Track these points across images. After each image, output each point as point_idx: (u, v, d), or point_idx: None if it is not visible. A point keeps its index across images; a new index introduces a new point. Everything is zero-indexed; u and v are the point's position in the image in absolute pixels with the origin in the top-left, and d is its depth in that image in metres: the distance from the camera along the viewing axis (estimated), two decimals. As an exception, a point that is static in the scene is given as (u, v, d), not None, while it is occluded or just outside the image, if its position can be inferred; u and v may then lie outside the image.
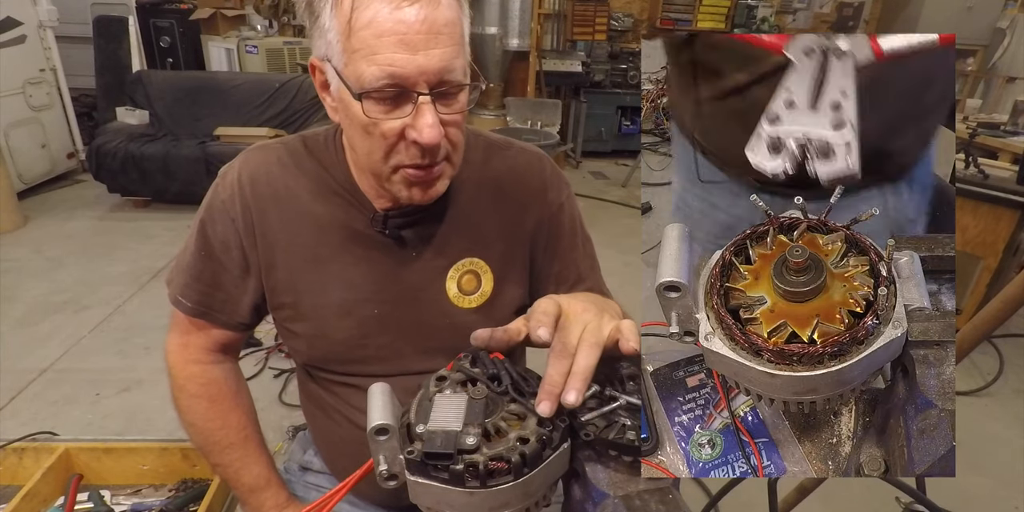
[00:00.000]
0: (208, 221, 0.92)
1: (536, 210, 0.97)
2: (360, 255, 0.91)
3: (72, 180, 4.91)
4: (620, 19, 6.20)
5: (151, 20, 5.12)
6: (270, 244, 0.91)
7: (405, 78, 0.71)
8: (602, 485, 0.56)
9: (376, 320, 0.92)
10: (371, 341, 0.93)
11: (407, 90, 0.73)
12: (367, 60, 0.71)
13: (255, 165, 0.91)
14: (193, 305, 0.94)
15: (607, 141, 6.19)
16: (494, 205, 0.95)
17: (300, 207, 0.90)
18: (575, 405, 0.56)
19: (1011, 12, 6.03)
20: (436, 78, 0.73)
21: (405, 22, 0.69)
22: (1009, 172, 2.92)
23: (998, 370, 2.88)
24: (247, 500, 1.00)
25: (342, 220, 0.90)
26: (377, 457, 0.57)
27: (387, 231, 0.90)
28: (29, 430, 1.46)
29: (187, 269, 0.93)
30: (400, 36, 0.69)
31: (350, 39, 0.71)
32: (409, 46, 0.70)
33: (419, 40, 0.70)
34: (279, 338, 2.86)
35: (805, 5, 6.58)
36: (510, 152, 0.99)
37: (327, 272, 0.91)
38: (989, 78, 6.20)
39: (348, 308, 0.92)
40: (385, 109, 0.74)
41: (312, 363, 0.97)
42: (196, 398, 0.98)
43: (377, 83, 0.71)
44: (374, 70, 0.71)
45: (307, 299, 0.92)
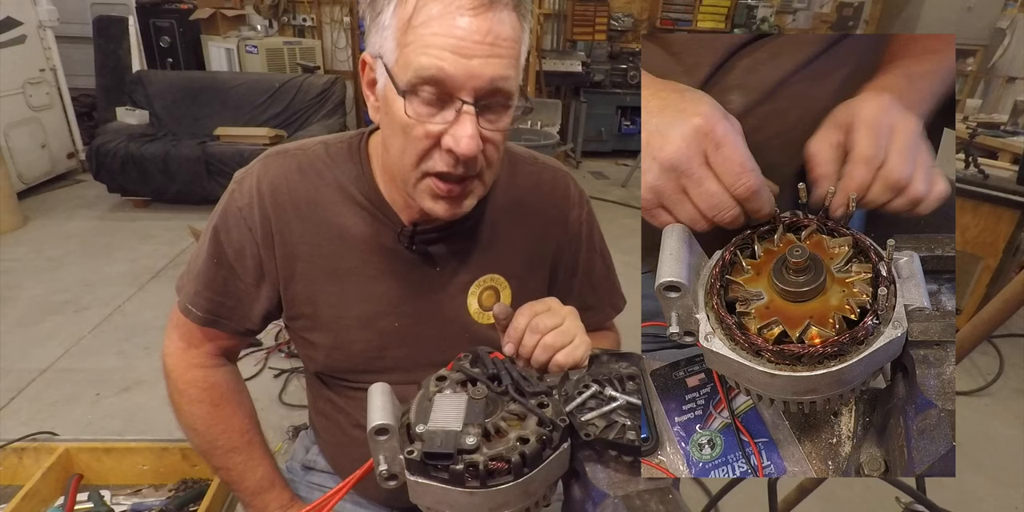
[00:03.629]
0: (222, 228, 0.89)
1: (559, 229, 0.98)
2: (384, 269, 0.90)
3: (72, 180, 4.91)
4: (620, 19, 6.20)
5: (151, 20, 5.11)
6: (289, 255, 0.89)
7: (452, 78, 0.69)
8: (602, 485, 0.56)
9: (396, 333, 0.92)
10: (389, 353, 0.93)
11: (452, 95, 0.70)
12: (417, 53, 0.69)
13: (275, 172, 0.89)
14: (203, 314, 0.92)
15: (607, 141, 6.19)
16: (518, 222, 0.95)
17: (322, 218, 0.88)
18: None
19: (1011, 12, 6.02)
20: (485, 87, 0.70)
21: (465, 29, 0.68)
22: (1009, 172, 2.92)
23: (998, 370, 2.88)
24: (251, 502, 0.99)
25: (366, 234, 0.89)
26: (377, 457, 0.57)
27: (414, 247, 0.88)
28: (29, 430, 1.46)
29: (198, 277, 0.91)
30: (456, 40, 0.68)
31: (406, 34, 0.70)
32: (463, 51, 0.68)
33: (475, 48, 0.68)
34: (279, 338, 2.86)
35: (805, 5, 6.57)
36: (535, 168, 0.98)
37: (348, 284, 0.90)
38: (989, 78, 6.20)
39: (368, 321, 0.91)
40: (428, 111, 0.72)
41: (326, 372, 0.97)
42: (198, 403, 0.96)
43: (423, 73, 0.69)
44: (423, 60, 0.68)
45: (326, 311, 0.91)
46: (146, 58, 5.09)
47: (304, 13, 5.70)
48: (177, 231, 3.94)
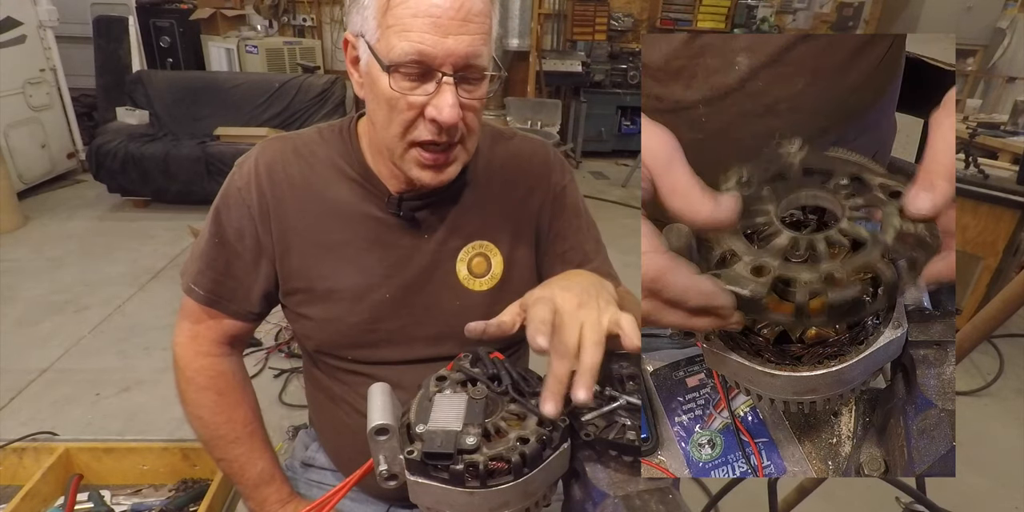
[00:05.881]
0: (223, 208, 0.93)
1: (540, 192, 1.00)
2: (373, 239, 0.93)
3: (72, 180, 4.91)
4: (620, 19, 6.20)
5: (151, 20, 5.12)
6: (285, 230, 0.92)
7: (432, 57, 0.75)
8: (602, 485, 0.56)
9: (388, 304, 0.94)
10: (382, 325, 0.94)
11: (432, 69, 0.76)
12: (399, 36, 0.75)
13: (272, 154, 0.94)
14: (206, 293, 0.95)
15: (607, 141, 6.19)
16: (501, 188, 0.98)
17: (315, 194, 0.92)
18: (587, 402, 0.55)
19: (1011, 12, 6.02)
20: (462, 62, 0.76)
21: (441, 6, 0.74)
22: (1009, 172, 2.92)
23: (998, 370, 2.88)
24: (251, 495, 1.01)
25: (356, 205, 0.93)
26: (377, 457, 0.57)
27: (401, 213, 0.92)
28: (29, 430, 1.45)
29: (200, 256, 0.95)
30: (434, 19, 0.73)
31: (386, 15, 0.75)
32: (441, 29, 0.74)
33: (451, 25, 0.74)
34: (279, 338, 2.86)
35: (805, 5, 6.58)
36: (514, 140, 1.02)
37: (341, 256, 0.93)
38: (989, 78, 6.20)
39: (361, 292, 0.93)
40: (410, 85, 0.77)
41: (322, 348, 0.98)
42: (205, 391, 0.98)
43: (406, 58, 0.75)
44: (404, 45, 0.74)
45: (321, 284, 0.93)
46: (146, 58, 5.09)
47: (304, 13, 5.71)
48: (177, 231, 3.94)
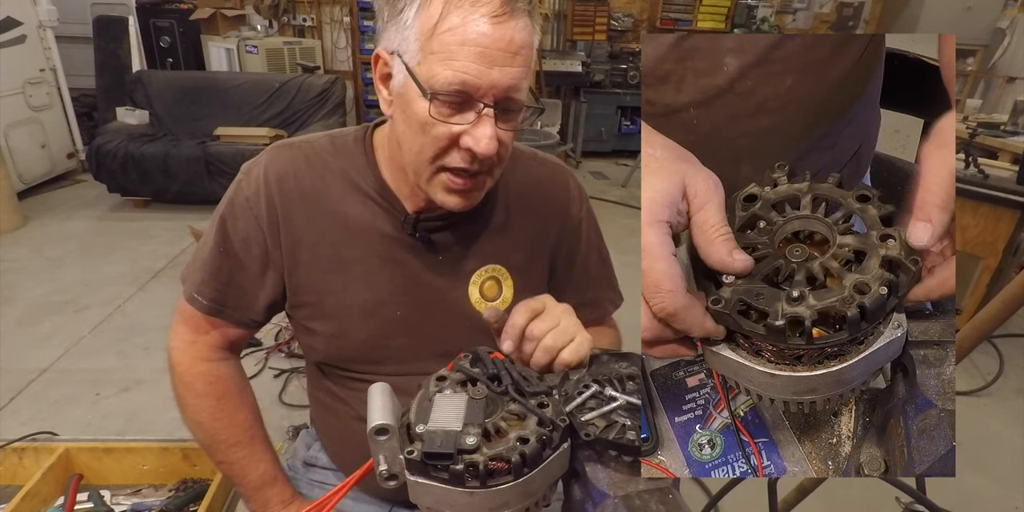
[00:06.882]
0: (229, 217, 0.91)
1: (558, 223, 1.00)
2: (386, 257, 0.91)
3: (72, 180, 4.91)
4: (620, 19, 6.20)
5: (151, 20, 5.11)
6: (294, 243, 0.90)
7: (476, 88, 0.73)
8: (602, 485, 0.56)
9: (398, 322, 0.93)
10: (391, 342, 0.94)
11: (473, 99, 0.75)
12: (443, 63, 0.73)
13: (282, 163, 0.91)
14: (209, 302, 0.93)
15: (607, 141, 6.19)
16: (519, 213, 0.97)
17: (327, 207, 0.90)
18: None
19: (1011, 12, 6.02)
20: (503, 94, 0.75)
21: (490, 36, 0.72)
22: (1009, 172, 2.92)
23: (998, 370, 2.88)
24: (252, 497, 1.00)
25: (370, 222, 0.91)
26: (377, 457, 0.57)
27: (417, 234, 0.90)
28: (29, 430, 1.45)
29: (204, 266, 0.93)
30: (481, 49, 0.72)
31: (431, 40, 0.73)
32: (487, 59, 0.72)
33: (497, 56, 0.73)
34: (279, 338, 2.86)
35: (805, 5, 6.58)
36: (535, 163, 1.01)
37: (352, 273, 0.91)
38: (989, 78, 6.19)
39: (371, 309, 0.92)
40: (449, 112, 0.76)
41: (327, 361, 0.97)
42: (203, 396, 0.97)
43: (448, 87, 0.73)
44: (448, 74, 0.72)
45: (330, 299, 0.92)
46: (146, 58, 5.09)
47: (304, 13, 5.70)
48: (177, 231, 3.94)
